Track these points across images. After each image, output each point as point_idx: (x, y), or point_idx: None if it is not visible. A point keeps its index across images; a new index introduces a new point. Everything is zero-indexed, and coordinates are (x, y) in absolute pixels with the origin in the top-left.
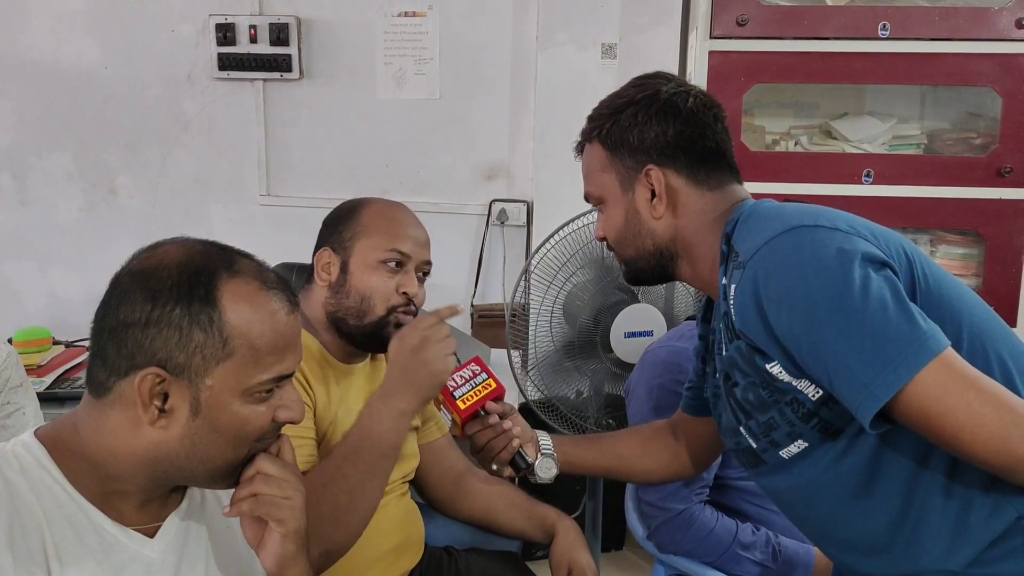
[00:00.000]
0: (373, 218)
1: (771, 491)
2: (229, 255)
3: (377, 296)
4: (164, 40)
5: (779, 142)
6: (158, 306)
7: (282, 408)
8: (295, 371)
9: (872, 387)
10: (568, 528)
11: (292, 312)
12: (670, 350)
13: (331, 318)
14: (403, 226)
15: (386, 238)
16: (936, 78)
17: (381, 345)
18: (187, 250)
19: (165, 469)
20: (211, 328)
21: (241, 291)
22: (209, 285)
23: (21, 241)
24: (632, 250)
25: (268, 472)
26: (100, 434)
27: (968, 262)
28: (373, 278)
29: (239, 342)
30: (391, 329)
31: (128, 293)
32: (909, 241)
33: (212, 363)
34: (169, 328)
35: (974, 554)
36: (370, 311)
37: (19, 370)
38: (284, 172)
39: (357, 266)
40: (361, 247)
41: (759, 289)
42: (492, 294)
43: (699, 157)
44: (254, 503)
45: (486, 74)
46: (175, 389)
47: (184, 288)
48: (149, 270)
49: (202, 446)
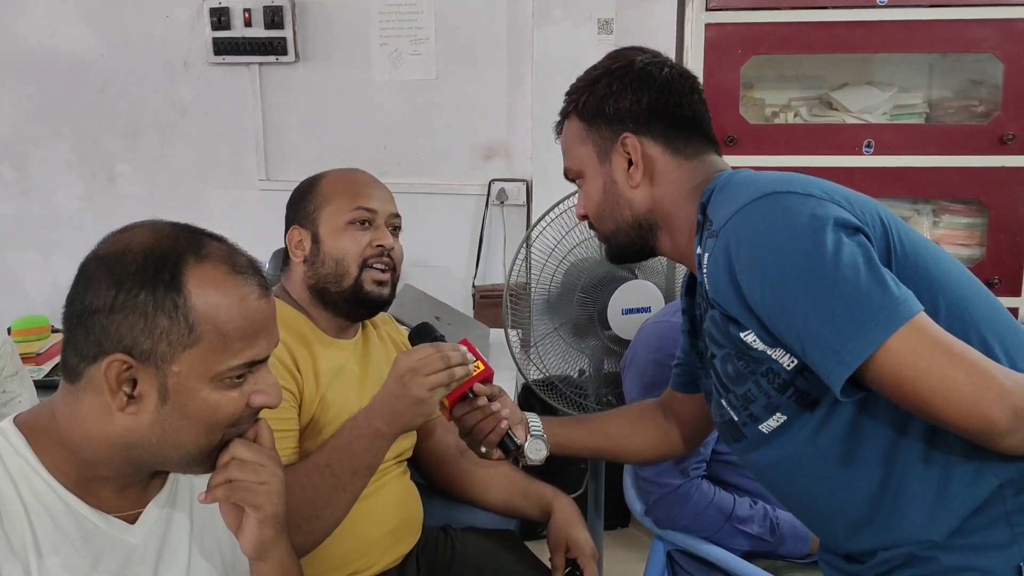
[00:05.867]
0: (332, 185)
1: (753, 467)
2: (198, 238)
3: (350, 256)
4: (159, 26)
5: (779, 114)
6: (122, 291)
7: (257, 393)
8: (268, 356)
9: (842, 353)
10: (565, 505)
11: (263, 296)
12: (665, 325)
13: (313, 291)
14: (363, 185)
15: (349, 199)
16: (937, 45)
17: (365, 307)
18: (155, 234)
19: (139, 455)
20: (176, 314)
21: (208, 276)
22: (175, 270)
23: (22, 230)
24: (611, 223)
25: (243, 457)
26: (75, 421)
27: (972, 231)
28: (345, 240)
29: (206, 328)
30: (370, 288)
31: (94, 278)
32: (886, 208)
33: (178, 349)
34: (134, 314)
35: (956, 524)
36: (346, 273)
37: (15, 359)
38: (282, 156)
39: (327, 233)
40: (327, 215)
41: (731, 257)
42: (493, 274)
43: (675, 125)
44: (229, 489)
45: (482, 53)
46: (143, 375)
47: (149, 273)
48: (115, 255)
49: (173, 432)
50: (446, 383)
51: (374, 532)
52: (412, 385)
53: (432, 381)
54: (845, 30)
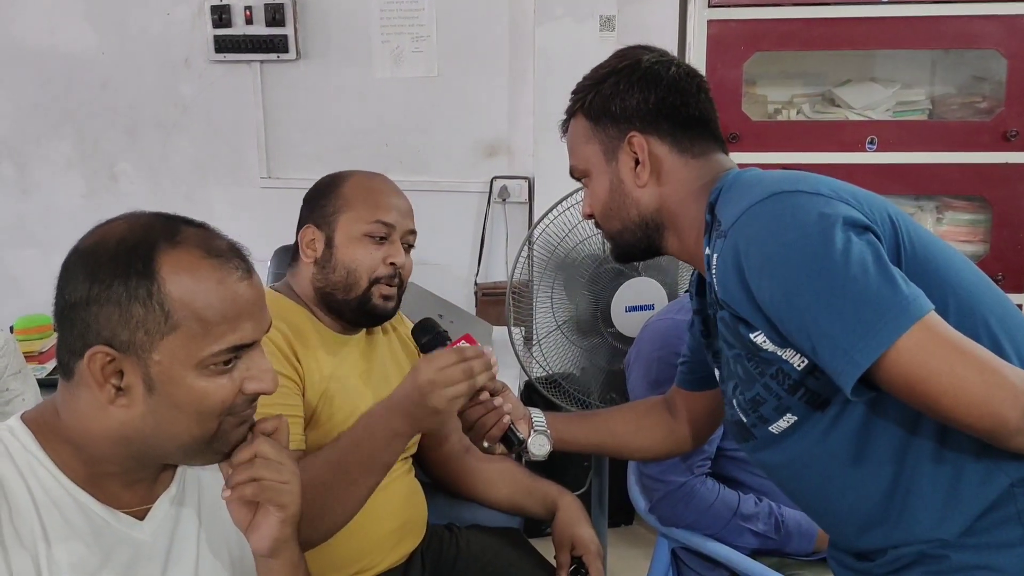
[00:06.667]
0: (354, 190)
1: (764, 466)
2: (173, 225)
3: (363, 269)
4: (159, 24)
5: (781, 111)
6: (96, 283)
7: (250, 379)
8: (255, 340)
9: (853, 353)
10: (569, 503)
11: (245, 279)
12: (669, 323)
13: (319, 293)
14: (385, 196)
15: (369, 210)
16: (940, 42)
17: (369, 318)
18: (130, 225)
19: (139, 448)
20: (151, 301)
21: (182, 261)
22: (147, 258)
23: (23, 229)
24: (618, 223)
25: (267, 456)
26: (75, 416)
27: (975, 228)
28: (359, 251)
29: (183, 314)
30: (376, 301)
31: (72, 273)
32: (895, 205)
33: (156, 337)
34: (109, 305)
35: (967, 523)
36: (356, 284)
37: (17, 357)
38: (284, 154)
39: (342, 240)
40: (345, 221)
41: (740, 257)
42: (495, 272)
43: (682, 125)
44: (257, 488)
45: (484, 50)
46: (127, 366)
47: (122, 263)
48: (90, 248)
49: (165, 423)
50: (466, 394)
51: (379, 530)
52: (431, 397)
53: (452, 393)
54: (848, 26)
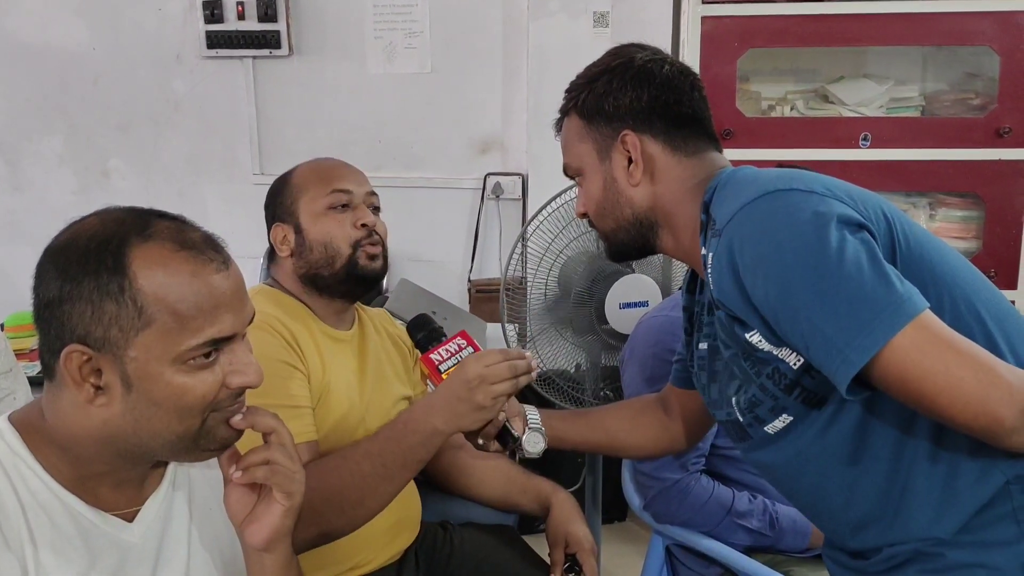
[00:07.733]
0: (304, 175)
1: (759, 465)
2: (145, 220)
3: (337, 237)
4: (151, 19)
5: (775, 107)
6: (68, 281)
7: (233, 373)
8: (236, 333)
9: (847, 352)
10: (563, 500)
11: (221, 271)
12: (664, 320)
13: (306, 280)
14: (335, 168)
15: (323, 184)
16: (933, 38)
17: (361, 283)
18: (102, 221)
19: (123, 447)
20: (123, 297)
21: (153, 255)
22: (118, 253)
23: (15, 226)
24: (612, 221)
25: (283, 442)
26: (58, 417)
27: (968, 225)
28: (328, 223)
29: (156, 308)
30: (364, 263)
31: (45, 271)
32: (889, 203)
33: (131, 334)
34: (81, 302)
35: (962, 521)
36: (337, 255)
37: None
38: (277, 150)
39: (308, 221)
40: (304, 204)
41: (735, 256)
42: (489, 269)
43: (675, 123)
44: (270, 471)
45: (477, 46)
46: (104, 364)
47: (93, 259)
48: (62, 245)
49: (145, 420)
50: (510, 393)
51: (373, 527)
52: (478, 392)
53: (498, 390)
54: (841, 23)
